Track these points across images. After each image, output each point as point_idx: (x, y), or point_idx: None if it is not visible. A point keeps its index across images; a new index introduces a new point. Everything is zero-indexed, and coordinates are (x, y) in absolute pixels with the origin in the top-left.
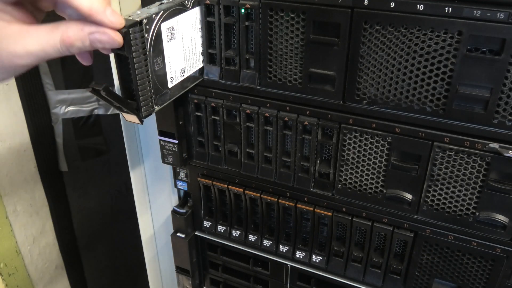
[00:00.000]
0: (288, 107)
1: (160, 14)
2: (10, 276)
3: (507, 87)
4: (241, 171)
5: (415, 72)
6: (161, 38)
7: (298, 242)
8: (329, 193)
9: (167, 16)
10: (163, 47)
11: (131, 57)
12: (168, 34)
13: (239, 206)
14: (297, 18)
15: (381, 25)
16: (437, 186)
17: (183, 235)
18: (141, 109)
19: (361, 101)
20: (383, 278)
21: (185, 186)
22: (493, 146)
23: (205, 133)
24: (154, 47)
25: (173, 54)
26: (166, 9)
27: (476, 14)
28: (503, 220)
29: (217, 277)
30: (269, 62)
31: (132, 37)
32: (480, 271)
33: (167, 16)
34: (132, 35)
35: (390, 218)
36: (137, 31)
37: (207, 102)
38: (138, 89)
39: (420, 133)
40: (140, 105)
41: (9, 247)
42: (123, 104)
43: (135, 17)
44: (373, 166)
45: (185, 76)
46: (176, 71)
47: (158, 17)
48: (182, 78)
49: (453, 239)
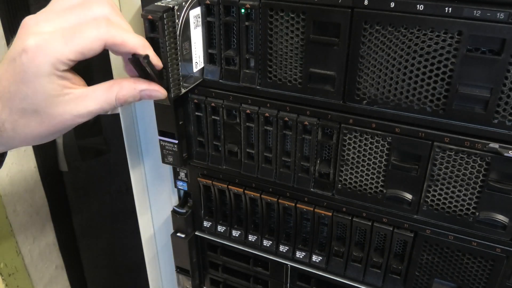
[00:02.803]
0: (288, 107)
1: (189, 1)
2: (10, 276)
3: (507, 87)
4: (241, 171)
5: (415, 72)
6: (189, 25)
7: (298, 242)
8: (329, 193)
9: (195, 3)
10: (190, 33)
11: (164, 41)
12: (195, 21)
13: (239, 206)
14: (297, 18)
15: (381, 25)
16: (437, 186)
17: (183, 235)
18: (170, 90)
19: (361, 101)
20: (383, 278)
21: (185, 186)
22: (493, 146)
23: (205, 133)
24: (183, 32)
25: (198, 40)
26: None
27: (476, 14)
28: (503, 220)
29: (217, 277)
30: (269, 62)
31: (165, 21)
32: (480, 271)
33: (195, 4)
34: (165, 20)
35: (390, 218)
36: (170, 16)
37: (207, 102)
38: (169, 71)
39: (420, 133)
40: (169, 86)
41: (9, 247)
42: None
43: (168, 4)
44: (373, 166)
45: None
46: (200, 56)
47: (187, 4)
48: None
49: (453, 239)
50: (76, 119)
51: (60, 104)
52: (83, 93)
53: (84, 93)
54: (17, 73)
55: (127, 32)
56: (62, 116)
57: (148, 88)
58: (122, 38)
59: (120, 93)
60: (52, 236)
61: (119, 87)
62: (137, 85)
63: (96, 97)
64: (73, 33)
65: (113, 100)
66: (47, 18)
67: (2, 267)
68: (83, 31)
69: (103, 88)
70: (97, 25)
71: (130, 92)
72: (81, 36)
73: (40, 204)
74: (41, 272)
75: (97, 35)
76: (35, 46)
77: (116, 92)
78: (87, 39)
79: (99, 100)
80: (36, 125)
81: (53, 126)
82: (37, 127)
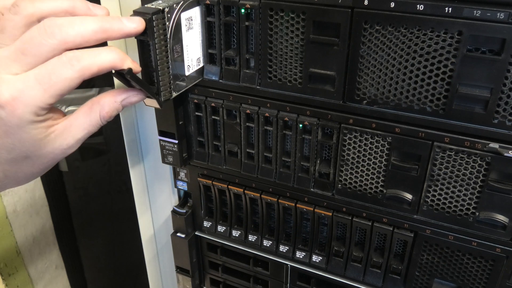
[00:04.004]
0: (288, 107)
1: (180, 4)
2: (10, 276)
3: (507, 87)
4: (241, 171)
5: (415, 72)
6: (180, 27)
7: (298, 242)
8: (329, 193)
9: (186, 6)
10: (182, 36)
11: (153, 43)
12: (187, 23)
13: (239, 206)
14: (297, 18)
15: (381, 25)
16: (437, 186)
17: (183, 235)
18: (161, 94)
19: (361, 101)
20: (383, 278)
21: (185, 186)
22: (493, 146)
23: (205, 133)
24: (174, 35)
25: (191, 43)
26: (186, 0)
27: (476, 14)
28: (503, 220)
29: (217, 277)
30: (269, 62)
31: (155, 23)
32: (480, 271)
33: (186, 7)
34: (155, 22)
35: (390, 218)
36: (160, 18)
37: (207, 102)
38: (159, 74)
39: (420, 133)
40: (159, 90)
41: (9, 247)
42: (144, 87)
43: (158, 6)
44: (373, 166)
45: (200, 66)
46: (192, 59)
47: (178, 6)
48: (197, 67)
49: (453, 239)
50: (66, 151)
51: (48, 144)
52: (66, 125)
53: (67, 125)
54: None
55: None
56: (52, 153)
57: (127, 96)
58: (97, 64)
59: (103, 111)
60: (52, 236)
61: (99, 107)
62: (116, 97)
63: (80, 124)
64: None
65: (98, 121)
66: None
67: (2, 267)
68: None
69: (84, 113)
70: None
71: (112, 107)
72: (56, 79)
73: (40, 204)
74: (41, 272)
75: (72, 74)
76: (11, 99)
77: (99, 111)
78: (63, 81)
79: (84, 126)
80: (28, 168)
81: (45, 164)
82: (30, 169)
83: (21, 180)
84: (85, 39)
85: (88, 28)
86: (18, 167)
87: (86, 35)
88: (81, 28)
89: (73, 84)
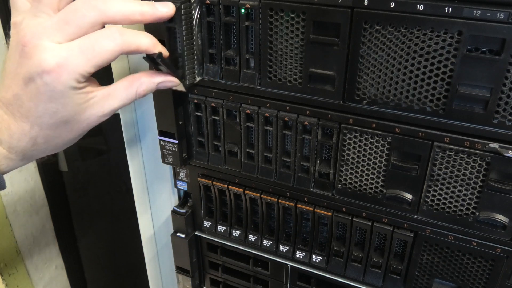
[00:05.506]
0: (288, 107)
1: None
2: (10, 276)
3: (507, 87)
4: (241, 171)
5: (415, 72)
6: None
7: (298, 242)
8: (329, 193)
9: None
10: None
11: (181, 30)
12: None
13: (239, 206)
14: (297, 18)
15: (381, 25)
16: (437, 186)
17: (183, 235)
18: (186, 77)
19: (361, 101)
20: (383, 278)
21: (185, 186)
22: (493, 146)
23: (205, 133)
24: (199, 22)
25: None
26: None
27: (476, 14)
28: (503, 220)
29: (217, 277)
30: (269, 62)
31: (183, 12)
32: (480, 271)
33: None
34: (183, 10)
35: (390, 218)
36: (187, 7)
37: (207, 102)
38: (185, 59)
39: (420, 133)
40: (185, 74)
41: (9, 247)
42: (172, 70)
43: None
44: (373, 166)
45: None
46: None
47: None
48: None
49: (453, 239)
50: (100, 119)
51: (87, 109)
52: (104, 94)
53: (106, 93)
54: (42, 93)
55: (137, 35)
56: (89, 119)
57: (164, 80)
58: (135, 44)
59: (140, 88)
60: (52, 236)
61: (139, 83)
62: (154, 78)
63: (118, 95)
64: (91, 47)
65: (134, 96)
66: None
67: (2, 267)
68: (99, 45)
69: (124, 86)
70: (111, 36)
71: (149, 86)
72: (99, 49)
73: (40, 204)
74: (41, 272)
75: (114, 47)
76: (56, 66)
77: (136, 88)
78: (105, 52)
79: (121, 97)
80: (66, 134)
81: (81, 130)
82: (68, 135)
83: (58, 146)
84: (124, 17)
85: (129, 7)
86: (58, 132)
87: (126, 13)
88: (123, 6)
89: (112, 57)
